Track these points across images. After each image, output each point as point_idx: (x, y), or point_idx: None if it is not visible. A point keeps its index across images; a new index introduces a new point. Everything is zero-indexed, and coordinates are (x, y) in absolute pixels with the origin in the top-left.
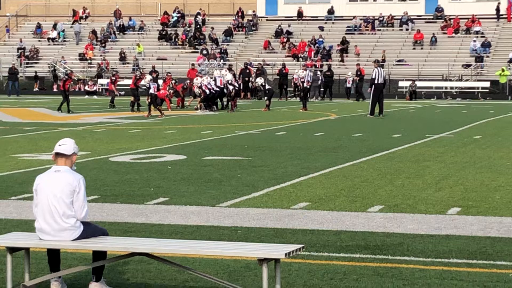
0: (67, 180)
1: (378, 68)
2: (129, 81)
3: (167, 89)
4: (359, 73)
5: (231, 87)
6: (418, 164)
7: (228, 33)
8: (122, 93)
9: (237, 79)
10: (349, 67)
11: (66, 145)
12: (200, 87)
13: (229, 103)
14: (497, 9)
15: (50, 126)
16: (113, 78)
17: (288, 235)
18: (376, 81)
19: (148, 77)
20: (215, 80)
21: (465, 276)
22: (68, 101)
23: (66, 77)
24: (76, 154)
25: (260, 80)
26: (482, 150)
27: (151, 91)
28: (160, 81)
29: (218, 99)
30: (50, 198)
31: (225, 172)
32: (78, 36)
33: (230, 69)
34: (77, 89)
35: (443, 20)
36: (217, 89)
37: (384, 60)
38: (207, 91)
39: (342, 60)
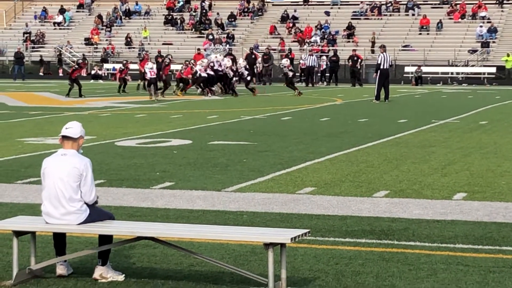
0: (74, 164)
1: (384, 53)
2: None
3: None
4: (355, 58)
5: (231, 73)
6: (424, 150)
7: (232, 17)
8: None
9: (238, 64)
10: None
11: (73, 128)
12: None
13: (228, 87)
14: None
15: (56, 110)
16: (123, 67)
17: (293, 220)
18: (381, 66)
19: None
20: (213, 64)
21: (471, 262)
22: (79, 86)
23: (76, 66)
24: (83, 138)
25: (286, 62)
26: (488, 136)
27: (148, 76)
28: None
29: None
30: (57, 182)
31: (230, 157)
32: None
33: (230, 54)
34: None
35: (449, 6)
36: (211, 73)
37: (373, 44)
38: (203, 74)
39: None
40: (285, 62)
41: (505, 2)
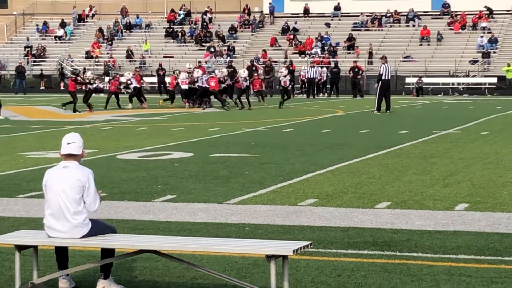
0: (76, 176)
1: (386, 64)
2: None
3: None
4: (356, 69)
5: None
6: (425, 160)
7: (233, 29)
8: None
9: (238, 74)
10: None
11: (75, 143)
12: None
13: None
14: None
15: (57, 124)
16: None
17: (295, 231)
18: (383, 77)
19: (127, 74)
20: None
21: (473, 272)
22: (75, 101)
23: (74, 76)
24: (83, 149)
25: (244, 73)
26: (489, 146)
27: (133, 85)
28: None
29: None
30: (59, 195)
31: (232, 169)
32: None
33: (230, 66)
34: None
35: (449, 16)
36: (202, 85)
37: (371, 54)
38: (185, 86)
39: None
40: (242, 73)
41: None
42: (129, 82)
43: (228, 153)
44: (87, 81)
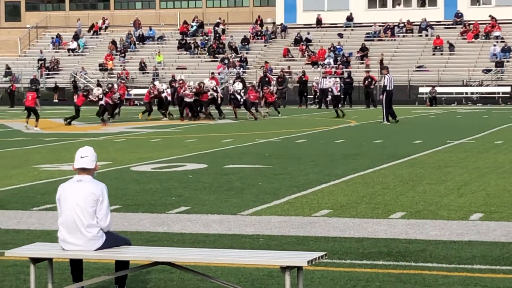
0: (90, 190)
1: (388, 74)
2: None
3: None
4: (369, 79)
5: (215, 94)
6: (439, 170)
7: (245, 41)
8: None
9: (233, 87)
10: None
11: (88, 157)
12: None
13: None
14: None
15: (71, 136)
16: (107, 90)
17: (310, 242)
18: (388, 88)
19: (98, 90)
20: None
21: (489, 282)
22: (76, 116)
23: (85, 93)
24: (97, 163)
25: (238, 86)
26: (504, 155)
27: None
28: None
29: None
30: (73, 208)
31: (246, 180)
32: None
33: (238, 78)
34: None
35: (462, 26)
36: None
37: (382, 64)
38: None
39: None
40: (210, 84)
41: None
42: (100, 97)
43: (241, 164)
44: (96, 99)
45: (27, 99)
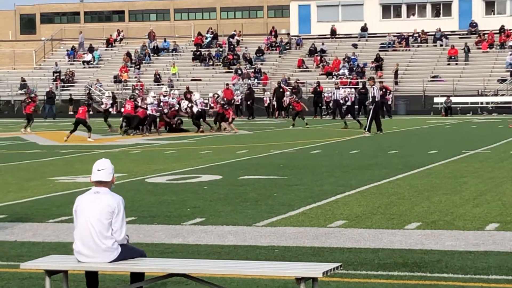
0: (107, 202)
1: (375, 85)
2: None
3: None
4: (384, 90)
5: (196, 108)
6: (455, 180)
7: (260, 52)
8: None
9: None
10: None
11: (105, 170)
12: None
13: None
14: None
15: (86, 148)
16: (30, 100)
17: (325, 253)
18: (377, 99)
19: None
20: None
21: None
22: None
23: (29, 100)
24: (114, 175)
25: (197, 97)
26: None
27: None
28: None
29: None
30: (89, 220)
31: (261, 191)
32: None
33: (249, 89)
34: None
35: (477, 35)
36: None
37: (396, 74)
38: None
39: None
40: (198, 97)
41: None
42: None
43: (256, 175)
44: (103, 110)
45: (78, 112)
